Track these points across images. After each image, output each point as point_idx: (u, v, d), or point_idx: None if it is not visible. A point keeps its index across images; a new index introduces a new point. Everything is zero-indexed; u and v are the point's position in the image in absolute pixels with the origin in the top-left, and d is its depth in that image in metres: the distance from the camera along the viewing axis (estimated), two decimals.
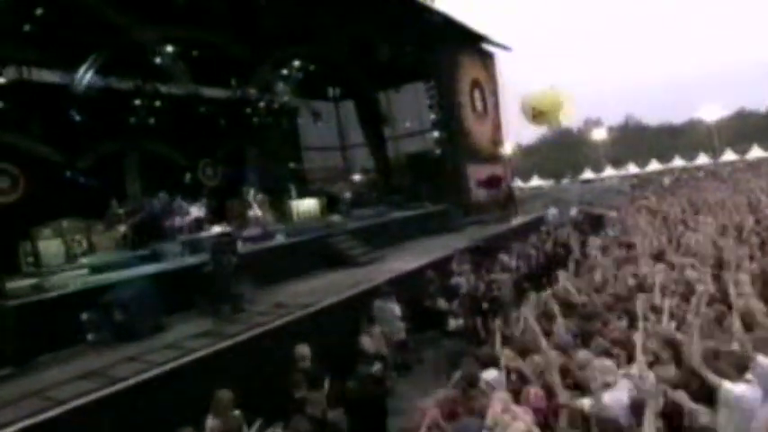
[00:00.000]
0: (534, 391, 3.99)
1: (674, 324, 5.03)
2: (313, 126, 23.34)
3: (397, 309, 8.63)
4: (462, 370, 4.53)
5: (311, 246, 12.66)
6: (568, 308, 6.33)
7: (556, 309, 5.72)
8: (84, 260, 10.45)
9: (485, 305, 8.57)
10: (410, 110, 23.58)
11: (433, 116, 21.10)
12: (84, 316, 7.73)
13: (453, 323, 8.27)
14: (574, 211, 24.16)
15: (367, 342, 7.13)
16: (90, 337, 7.74)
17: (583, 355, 4.41)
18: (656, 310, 5.28)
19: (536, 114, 21.06)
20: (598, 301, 6.48)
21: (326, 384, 5.43)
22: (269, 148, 20.55)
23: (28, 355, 7.13)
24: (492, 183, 21.76)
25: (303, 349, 6.13)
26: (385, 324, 8.27)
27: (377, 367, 6.56)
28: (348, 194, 18.17)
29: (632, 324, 5.00)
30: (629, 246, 10.42)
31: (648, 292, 5.96)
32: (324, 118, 23.97)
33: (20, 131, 13.64)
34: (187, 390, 5.76)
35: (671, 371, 4.15)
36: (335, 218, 15.59)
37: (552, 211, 23.92)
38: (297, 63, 18.98)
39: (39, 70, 13.74)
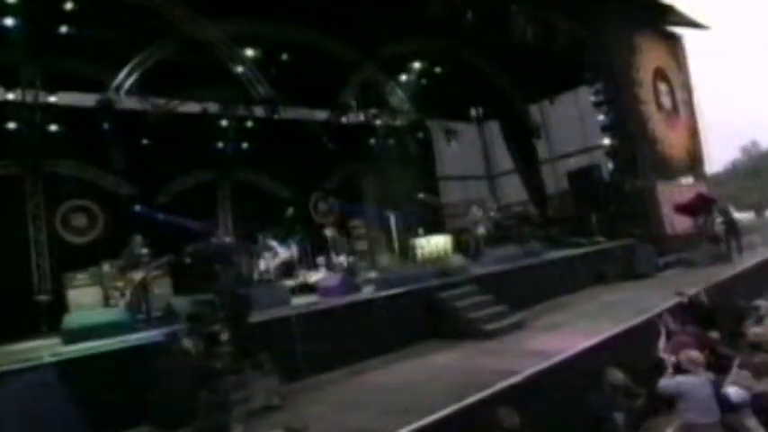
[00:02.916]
0: None
1: None
2: (453, 152, 19.96)
3: None
4: None
5: (410, 303, 8.08)
6: None
7: None
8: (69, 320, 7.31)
9: None
10: (570, 122, 18.61)
11: (602, 117, 15.17)
12: None
13: None
14: None
15: None
16: None
17: None
18: None
19: None
20: None
21: None
22: (391, 177, 16.99)
23: None
24: (698, 206, 14.98)
25: None
26: None
27: None
28: (482, 228, 13.28)
29: None
30: None
31: None
32: (466, 141, 20.73)
33: (99, 164, 12.28)
34: None
35: None
36: (457, 260, 10.83)
37: None
38: (416, 65, 15.15)
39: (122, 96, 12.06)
